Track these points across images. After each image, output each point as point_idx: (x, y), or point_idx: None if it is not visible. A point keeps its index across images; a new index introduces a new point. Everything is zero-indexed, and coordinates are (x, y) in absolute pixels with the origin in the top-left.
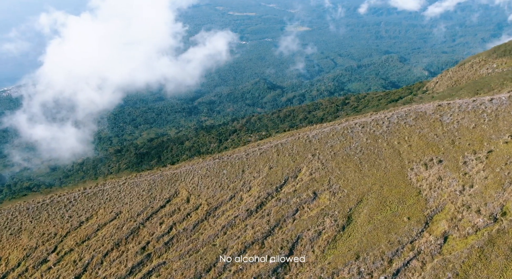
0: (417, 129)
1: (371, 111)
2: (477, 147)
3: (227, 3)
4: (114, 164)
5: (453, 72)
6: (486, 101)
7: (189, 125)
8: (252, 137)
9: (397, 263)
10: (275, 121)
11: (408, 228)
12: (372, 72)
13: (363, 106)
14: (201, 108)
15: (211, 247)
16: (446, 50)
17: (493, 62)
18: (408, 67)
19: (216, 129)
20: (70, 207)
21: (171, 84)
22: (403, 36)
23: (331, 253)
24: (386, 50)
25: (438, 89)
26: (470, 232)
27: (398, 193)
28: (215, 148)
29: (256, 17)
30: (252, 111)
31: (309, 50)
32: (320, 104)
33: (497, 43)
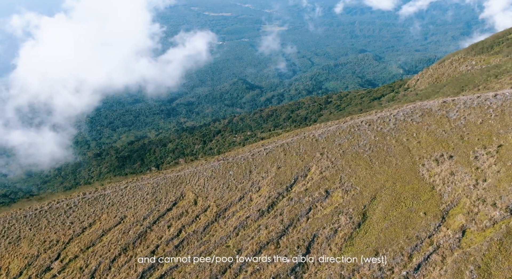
0: (425, 126)
1: (376, 109)
2: (486, 142)
3: (202, 4)
4: (94, 168)
5: (434, 69)
6: (491, 97)
7: (168, 127)
8: (237, 138)
9: (418, 258)
10: (258, 121)
11: (425, 223)
12: (349, 70)
13: (346, 105)
14: (179, 109)
15: (225, 248)
16: (419, 49)
17: (472, 60)
18: (383, 66)
19: (199, 131)
20: (71, 213)
21: (149, 86)
22: (377, 35)
23: (349, 251)
24: (362, 49)
25: (420, 86)
26: (487, 225)
27: (411, 189)
28: (200, 149)
29: (232, 18)
30: (231, 111)
31: (286, 50)
32: (302, 104)
33: (467, 40)
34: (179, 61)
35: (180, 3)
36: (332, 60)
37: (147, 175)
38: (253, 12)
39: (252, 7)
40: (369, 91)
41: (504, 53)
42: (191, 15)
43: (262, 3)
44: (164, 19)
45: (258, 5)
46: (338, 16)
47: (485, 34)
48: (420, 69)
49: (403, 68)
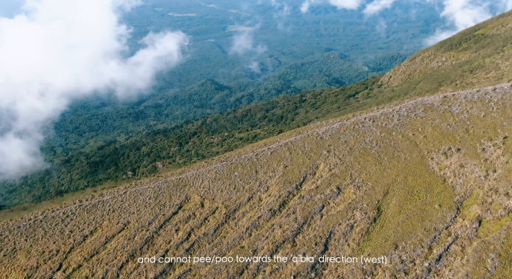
0: (429, 120)
1: (376, 106)
2: (491, 134)
3: (165, 4)
4: (64, 175)
5: (406, 66)
6: (490, 91)
7: (138, 131)
8: (214, 139)
9: (438, 249)
10: (233, 122)
11: (441, 214)
12: (316, 69)
13: (321, 103)
14: (148, 112)
15: (239, 249)
16: (382, 46)
17: (442, 56)
18: (349, 64)
19: (174, 133)
20: (69, 221)
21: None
22: (342, 33)
23: (367, 245)
24: (327, 48)
25: (393, 83)
26: (502, 214)
27: (423, 182)
28: (176, 151)
29: (197, 18)
30: (201, 112)
31: (254, 50)
32: (277, 103)
33: (426, 38)
34: (147, 63)
35: (143, 3)
36: (299, 59)
37: (145, 179)
38: (218, 12)
39: (217, 7)
40: (342, 89)
41: (472, 50)
42: (155, 16)
43: (227, 3)
44: (129, 20)
45: (223, 5)
46: (303, 16)
47: (446, 31)
48: (384, 67)
49: (368, 65)
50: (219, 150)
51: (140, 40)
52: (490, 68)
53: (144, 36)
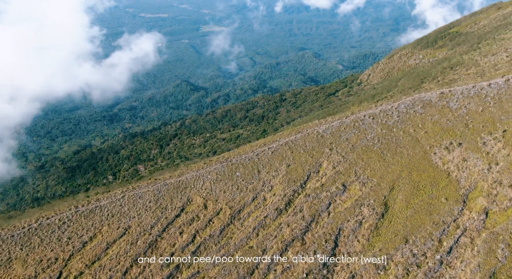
0: (428, 116)
1: (373, 104)
2: (491, 128)
3: (137, 5)
4: (39, 181)
5: (384, 64)
6: (486, 86)
7: (114, 134)
8: (196, 140)
9: (448, 242)
10: (213, 122)
11: (448, 208)
12: (291, 68)
13: (302, 102)
14: (122, 115)
15: (248, 249)
16: (354, 45)
17: (419, 54)
18: (323, 63)
19: (153, 135)
20: (66, 228)
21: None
22: (315, 33)
23: (377, 240)
24: (301, 47)
25: (373, 81)
26: (508, 205)
27: (428, 176)
28: (157, 154)
29: (169, 19)
30: (177, 114)
31: (228, 50)
32: (256, 103)
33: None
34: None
35: (115, 4)
36: (274, 59)
37: (142, 182)
38: (191, 13)
39: (190, 7)
40: (322, 87)
41: (448, 47)
42: (126, 17)
43: (199, 3)
44: (101, 21)
45: (195, 6)
46: (277, 15)
47: (418, 29)
48: (358, 65)
49: (342, 64)
50: (202, 151)
51: (114, 42)
52: (470, 64)
53: (117, 37)
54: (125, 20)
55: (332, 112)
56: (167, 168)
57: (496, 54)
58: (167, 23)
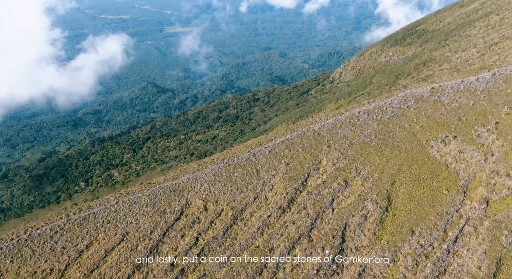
0: (422, 111)
1: (365, 100)
2: (483, 121)
3: (96, 7)
4: (3, 191)
5: (355, 62)
6: (474, 80)
7: (80, 139)
8: (170, 143)
9: (453, 232)
10: (185, 124)
11: (450, 199)
12: (258, 68)
13: (275, 101)
14: (87, 119)
15: (254, 249)
16: (318, 44)
17: (389, 51)
18: (289, 62)
19: (125, 139)
20: (58, 237)
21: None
22: (279, 32)
23: (383, 234)
24: (267, 47)
25: (345, 78)
26: (507, 194)
27: (428, 169)
28: (130, 158)
29: (131, 20)
30: (145, 117)
31: (193, 50)
32: (229, 103)
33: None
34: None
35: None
36: (240, 59)
37: (136, 187)
38: (153, 14)
39: (152, 8)
40: (295, 86)
41: (417, 44)
42: (86, 18)
43: (162, 4)
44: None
45: (158, 7)
46: (241, 16)
47: (382, 27)
48: (323, 63)
49: (308, 63)
50: (178, 154)
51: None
52: (442, 60)
53: (80, 39)
54: (85, 21)
55: (309, 110)
56: (143, 172)
57: (466, 50)
58: (130, 24)
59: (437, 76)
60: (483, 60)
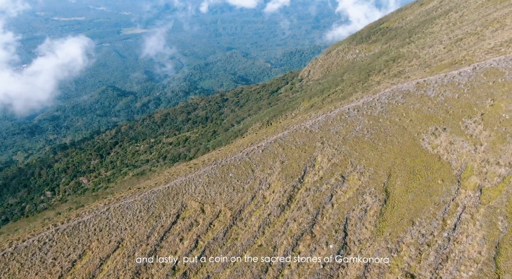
0: (410, 105)
1: (354, 97)
2: (469, 113)
3: (49, 9)
4: None
5: (323, 60)
6: (456, 75)
7: (39, 147)
8: (140, 147)
9: (451, 220)
10: (152, 127)
11: (446, 188)
12: (220, 68)
13: (245, 101)
14: (44, 126)
15: (258, 248)
16: (279, 43)
17: (355, 48)
18: (251, 61)
19: (91, 145)
20: (48, 248)
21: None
22: (240, 32)
23: (384, 226)
24: (228, 47)
25: (314, 76)
26: (498, 181)
27: (421, 161)
28: (98, 164)
29: (86, 22)
30: (106, 121)
31: (154, 52)
32: (196, 104)
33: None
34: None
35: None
36: (202, 60)
37: (126, 192)
38: (109, 15)
39: (108, 10)
40: (263, 85)
41: (382, 42)
42: (38, 21)
43: (118, 5)
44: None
45: (114, 8)
46: (201, 16)
47: (343, 25)
48: (285, 62)
49: (270, 62)
50: (150, 157)
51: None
52: (411, 57)
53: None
54: (38, 24)
55: (283, 108)
56: (114, 177)
57: (433, 46)
58: (85, 26)
59: (409, 72)
60: (452, 56)
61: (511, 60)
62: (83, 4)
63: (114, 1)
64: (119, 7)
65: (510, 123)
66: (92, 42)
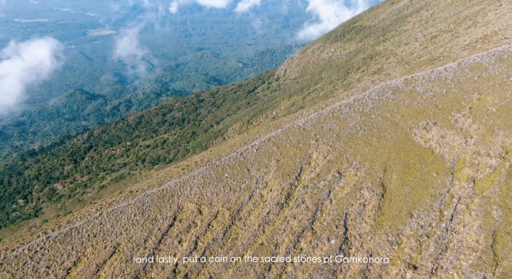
0: (400, 101)
1: (343, 94)
2: (458, 107)
3: (9, 10)
4: None
5: (299, 59)
6: (442, 70)
7: (5, 154)
8: (116, 150)
9: (448, 211)
10: (126, 130)
11: (440, 180)
12: (192, 69)
13: (222, 101)
14: (8, 132)
15: (259, 246)
16: (250, 43)
17: (331, 47)
18: (223, 62)
19: (63, 150)
20: (40, 257)
21: None
22: (210, 32)
23: (383, 219)
24: (198, 47)
25: (291, 75)
26: (490, 172)
27: (415, 155)
28: (73, 169)
29: (50, 23)
30: (76, 126)
31: (121, 54)
32: (172, 106)
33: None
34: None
35: None
36: (173, 61)
37: (117, 197)
38: (74, 17)
39: (73, 11)
40: (239, 85)
41: (357, 40)
42: None
43: (84, 6)
44: None
45: (79, 9)
46: (170, 17)
47: (313, 24)
48: (257, 62)
49: (242, 62)
50: (127, 161)
51: None
52: (388, 54)
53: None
54: None
55: (263, 108)
56: (91, 182)
57: (409, 43)
58: (48, 28)
59: (389, 69)
60: (429, 52)
61: (493, 55)
62: (46, 5)
63: (79, 2)
64: (85, 8)
65: (497, 116)
66: (61, 44)
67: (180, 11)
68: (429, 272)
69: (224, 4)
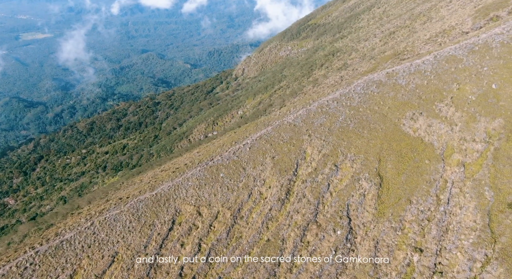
0: (385, 94)
1: (329, 90)
2: (440, 97)
3: None
4: None
5: (256, 58)
6: (420, 63)
7: None
8: (71, 159)
9: (444, 195)
10: (77, 138)
11: (434, 167)
12: (137, 72)
13: (180, 103)
14: None
15: (266, 243)
16: (196, 43)
17: (287, 45)
18: (169, 63)
19: (8, 162)
20: (31, 273)
21: None
22: (154, 34)
23: (384, 207)
24: (143, 49)
25: (249, 74)
26: (477, 156)
27: (406, 144)
28: (23, 182)
29: None
30: (14, 136)
31: (61, 58)
32: (125, 110)
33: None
34: None
35: None
36: (117, 64)
37: (107, 204)
38: (4, 20)
39: (2, 13)
40: (196, 86)
41: (313, 38)
42: None
43: (14, 8)
44: None
45: (8, 12)
46: (110, 18)
47: (262, 23)
48: (204, 62)
49: (189, 63)
50: (85, 169)
51: None
52: (349, 50)
53: None
54: None
55: (227, 107)
56: (48, 194)
57: (368, 39)
58: None
59: (354, 64)
60: (392, 47)
61: (465, 48)
62: None
63: (8, 3)
64: (14, 10)
65: (477, 103)
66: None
67: (122, 13)
68: (434, 253)
69: (168, 4)
